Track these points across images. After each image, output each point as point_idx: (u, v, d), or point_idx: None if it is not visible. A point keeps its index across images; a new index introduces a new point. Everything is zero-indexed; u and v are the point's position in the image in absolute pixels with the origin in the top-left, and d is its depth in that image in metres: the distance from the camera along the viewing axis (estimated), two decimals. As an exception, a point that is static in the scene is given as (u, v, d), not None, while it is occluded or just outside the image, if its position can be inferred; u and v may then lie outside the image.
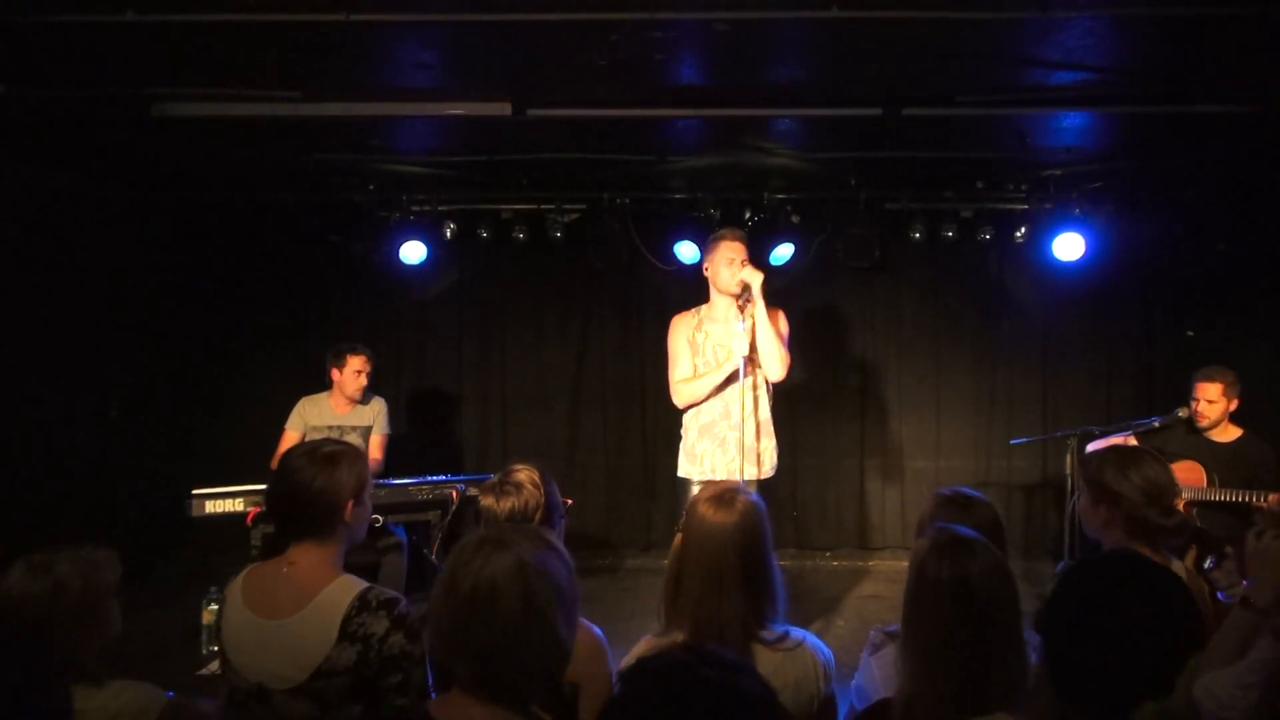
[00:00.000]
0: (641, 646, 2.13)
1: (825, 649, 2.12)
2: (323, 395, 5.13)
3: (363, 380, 5.04)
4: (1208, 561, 3.48)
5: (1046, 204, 5.71)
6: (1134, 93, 3.96)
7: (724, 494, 2.12)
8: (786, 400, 6.75)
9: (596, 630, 2.11)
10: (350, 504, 2.07)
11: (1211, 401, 4.45)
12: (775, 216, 5.94)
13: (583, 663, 2.01)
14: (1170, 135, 4.60)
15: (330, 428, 4.99)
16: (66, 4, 2.92)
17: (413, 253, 6.03)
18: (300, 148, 4.88)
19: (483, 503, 2.19)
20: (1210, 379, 4.47)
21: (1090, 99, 4.04)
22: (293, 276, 6.55)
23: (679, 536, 2.13)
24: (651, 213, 6.05)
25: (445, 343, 6.80)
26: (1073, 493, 2.45)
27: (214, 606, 4.52)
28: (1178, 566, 2.33)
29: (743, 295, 4.03)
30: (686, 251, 6.01)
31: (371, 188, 5.78)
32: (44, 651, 1.87)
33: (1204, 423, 4.47)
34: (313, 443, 2.18)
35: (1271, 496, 4.10)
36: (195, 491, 4.35)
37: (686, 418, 4.30)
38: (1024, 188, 5.77)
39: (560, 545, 1.61)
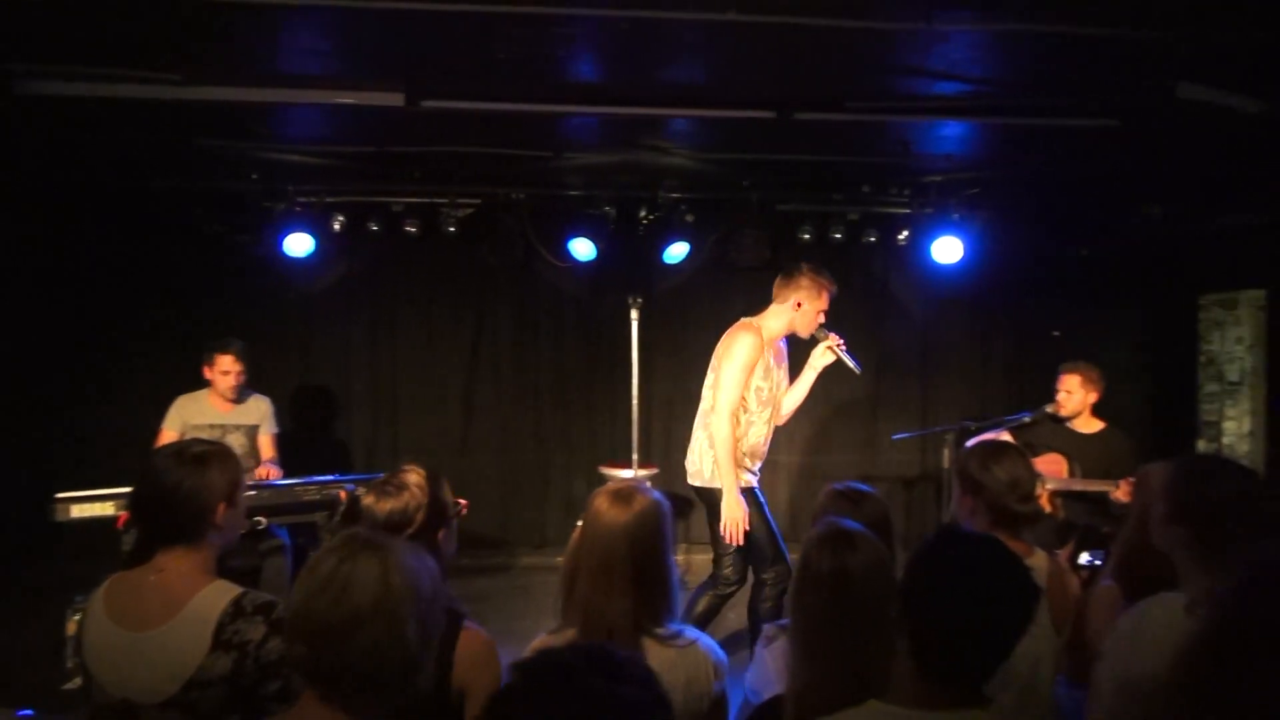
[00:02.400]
0: (536, 644, 2.12)
1: (718, 649, 2.14)
2: (202, 393, 4.91)
3: (232, 379, 4.81)
4: (1084, 556, 3.71)
5: (927, 209, 5.96)
6: (1008, 105, 4.17)
7: (624, 491, 2.12)
8: (680, 399, 6.87)
9: (486, 635, 2.08)
10: (221, 506, 1.98)
11: (1069, 392, 4.74)
12: (670, 216, 6.01)
13: (471, 668, 1.98)
14: (1040, 146, 4.85)
15: (211, 426, 4.77)
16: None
17: (298, 245, 5.83)
18: (181, 133, 4.64)
19: (364, 501, 2.13)
20: (1070, 371, 4.78)
21: (969, 109, 4.24)
22: (171, 267, 6.22)
23: (576, 533, 2.13)
24: (547, 209, 6.02)
25: (333, 338, 6.60)
26: (951, 486, 2.62)
27: (78, 617, 4.26)
28: (1040, 555, 2.48)
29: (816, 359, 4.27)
30: (582, 249, 6.01)
31: (256, 177, 5.55)
32: None
33: (1063, 412, 4.76)
34: (181, 443, 2.08)
35: (1123, 483, 4.39)
36: (60, 495, 4.10)
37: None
38: (906, 192, 6.00)
39: (430, 560, 1.55)
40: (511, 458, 6.74)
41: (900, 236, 6.19)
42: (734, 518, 3.93)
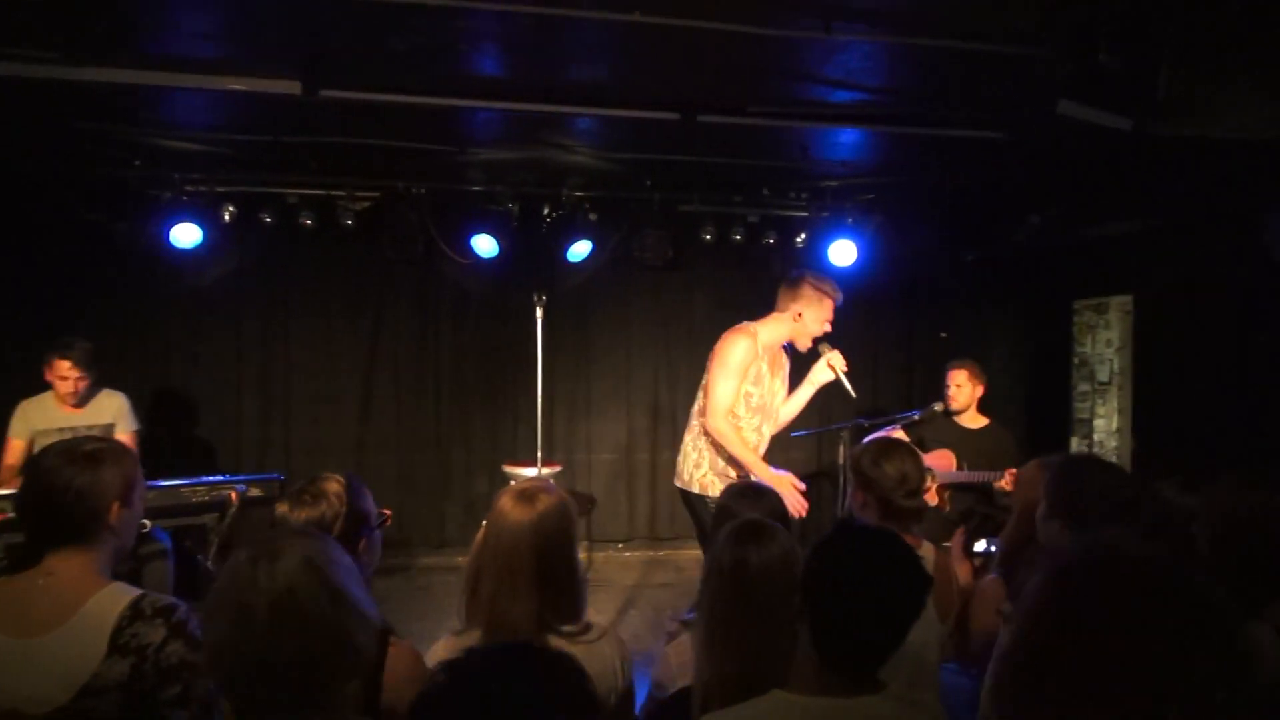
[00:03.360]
0: (440, 646, 2.10)
1: (622, 643, 2.16)
2: (46, 395, 4.61)
3: (70, 386, 4.53)
4: (981, 544, 3.89)
5: (824, 212, 6.13)
6: (901, 114, 4.33)
7: (528, 490, 2.12)
8: (582, 397, 6.88)
9: (414, 649, 2.05)
10: (115, 506, 1.90)
11: (959, 386, 5.01)
12: (573, 214, 6.00)
13: (401, 684, 1.94)
14: (930, 155, 5.05)
15: (61, 430, 4.44)
16: None
17: (185, 235, 5.58)
18: (56, 115, 4.39)
19: (278, 510, 2.06)
20: (958, 367, 5.07)
21: (864, 117, 4.38)
22: (43, 258, 5.83)
23: (481, 532, 2.11)
24: (449, 204, 5.94)
25: (222, 334, 6.35)
26: (845, 481, 2.71)
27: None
28: (927, 547, 2.61)
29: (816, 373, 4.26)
30: (484, 245, 5.95)
31: (139, 163, 5.28)
32: None
33: (954, 405, 5.01)
34: (72, 440, 1.98)
35: (1008, 474, 4.66)
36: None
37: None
38: (804, 196, 6.15)
39: (350, 560, 1.51)
40: (410, 456, 6.62)
41: (798, 239, 6.35)
42: (786, 493, 3.76)
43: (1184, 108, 3.41)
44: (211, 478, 4.31)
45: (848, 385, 4.26)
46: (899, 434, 4.70)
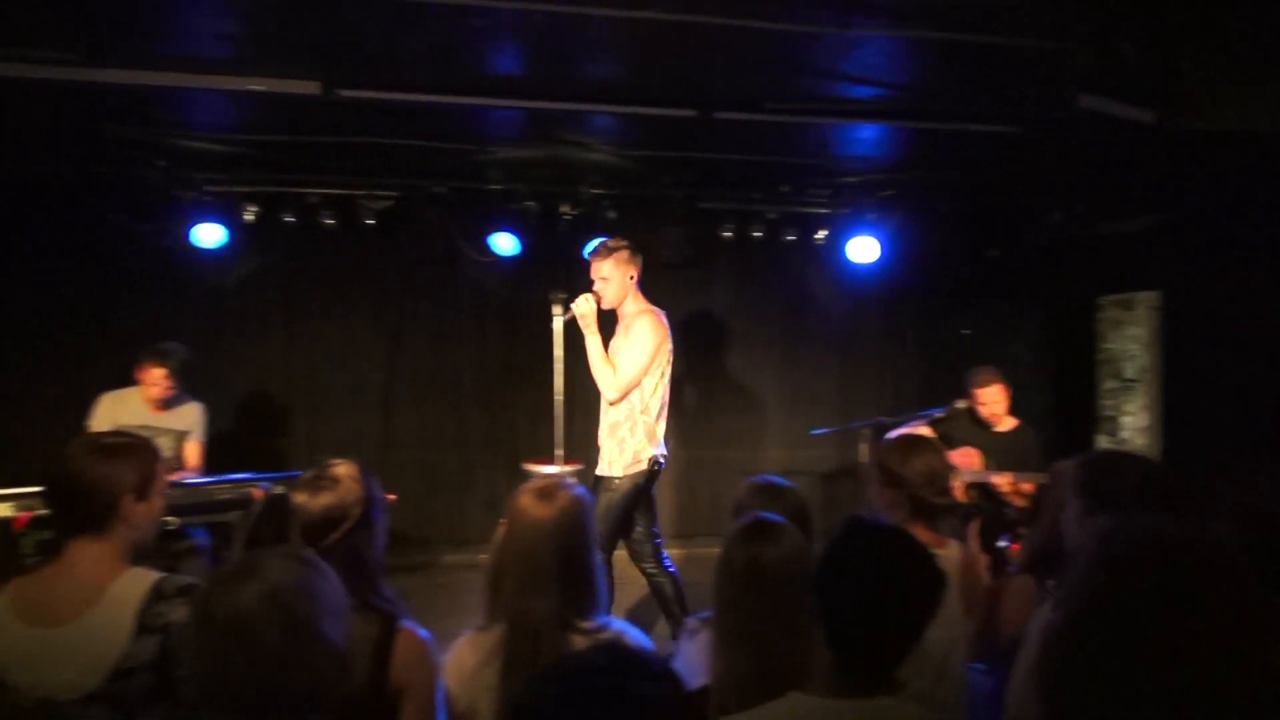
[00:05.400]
0: (463, 642, 2.11)
1: (645, 638, 2.15)
2: (130, 392, 4.71)
3: (159, 392, 4.65)
4: (1001, 540, 3.86)
5: (844, 209, 6.09)
6: (921, 110, 4.29)
7: (546, 487, 2.11)
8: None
9: (424, 633, 2.05)
10: (128, 499, 1.93)
11: (997, 402, 4.92)
12: (592, 211, 6.00)
13: (408, 668, 1.96)
14: (951, 150, 5.01)
15: (143, 427, 4.56)
16: None
17: (208, 235, 5.64)
18: (80, 117, 4.44)
19: (295, 500, 2.08)
20: (988, 382, 4.93)
21: (884, 113, 4.35)
22: (70, 258, 5.90)
23: (500, 529, 2.11)
24: (468, 203, 5.95)
25: (244, 333, 6.39)
26: (868, 479, 2.68)
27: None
28: (953, 546, 2.57)
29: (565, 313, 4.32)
30: (504, 243, 5.96)
31: (163, 164, 5.34)
32: None
33: (997, 421, 4.92)
34: (97, 433, 2.06)
35: (1025, 486, 4.59)
36: (-48, 495, 3.89)
37: None
38: (824, 193, 6.12)
39: (319, 560, 1.56)
40: (432, 455, 6.65)
41: (818, 236, 6.31)
42: None
43: (1207, 99, 3.36)
44: (235, 475, 4.33)
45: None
46: (924, 432, 4.66)
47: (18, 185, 5.56)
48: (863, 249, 6.10)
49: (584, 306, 4.28)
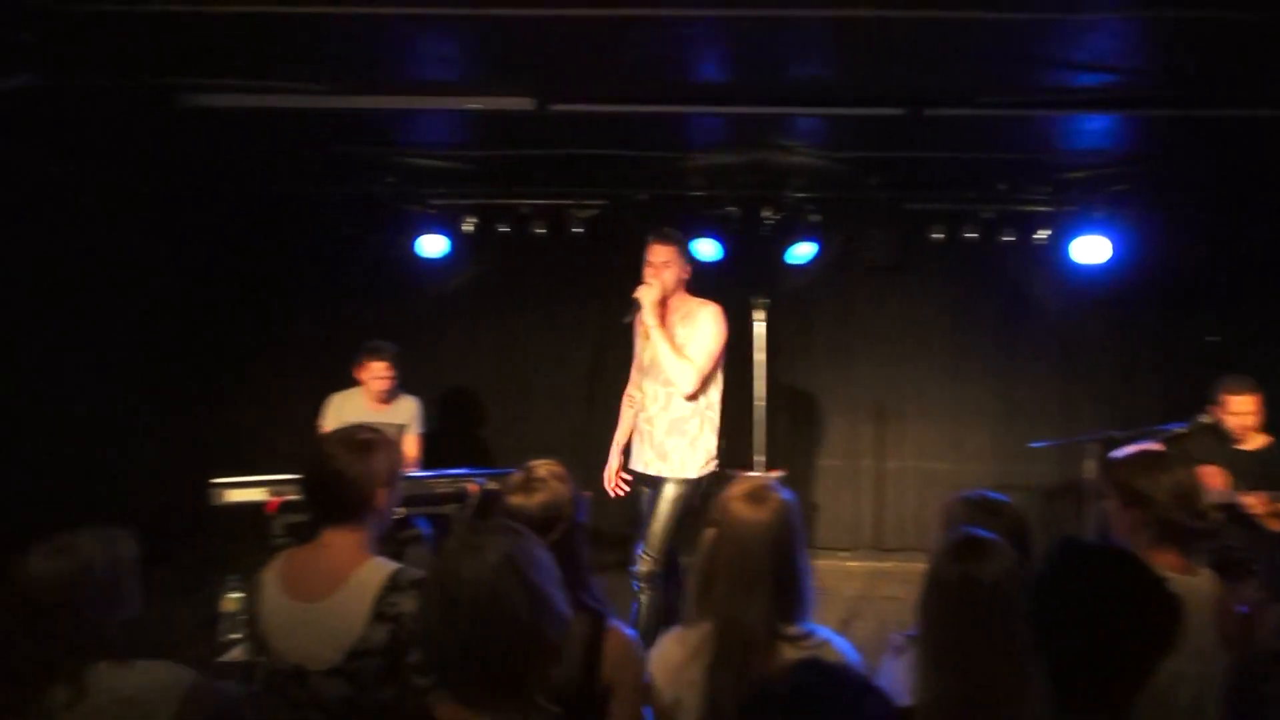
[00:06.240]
0: (669, 638, 2.13)
1: (851, 649, 2.09)
2: (355, 391, 5.13)
3: (383, 384, 5.03)
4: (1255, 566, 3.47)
5: (1069, 206, 5.68)
6: (1160, 95, 3.92)
7: (756, 491, 2.10)
8: (802, 402, 6.78)
9: (631, 633, 2.10)
10: (382, 491, 2.10)
11: (1250, 411, 4.43)
12: (795, 215, 5.92)
13: (617, 666, 2.01)
14: (1195, 139, 4.55)
15: (366, 423, 4.98)
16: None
17: (431, 246, 6.05)
18: (322, 140, 4.89)
19: (511, 501, 2.17)
20: (1244, 390, 4.44)
21: (1116, 101, 4.01)
22: (312, 268, 6.58)
23: (711, 532, 2.11)
24: (671, 210, 6.03)
25: (462, 337, 6.82)
26: (1102, 497, 2.45)
27: (234, 594, 4.54)
28: (1204, 574, 2.31)
29: (633, 308, 4.13)
30: (706, 249, 6.00)
31: (391, 180, 5.79)
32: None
33: (1243, 436, 4.44)
34: (348, 428, 2.21)
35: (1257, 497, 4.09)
36: (215, 480, 4.36)
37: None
38: (1047, 190, 5.73)
39: (547, 555, 1.58)
40: (635, 457, 6.79)
41: (1039, 236, 5.92)
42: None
43: None
44: (453, 470, 4.61)
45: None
46: (1159, 449, 4.26)
47: (265, 203, 6.22)
48: (1090, 249, 5.65)
49: (651, 294, 4.09)
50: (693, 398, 4.14)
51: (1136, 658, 1.45)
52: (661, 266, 4.17)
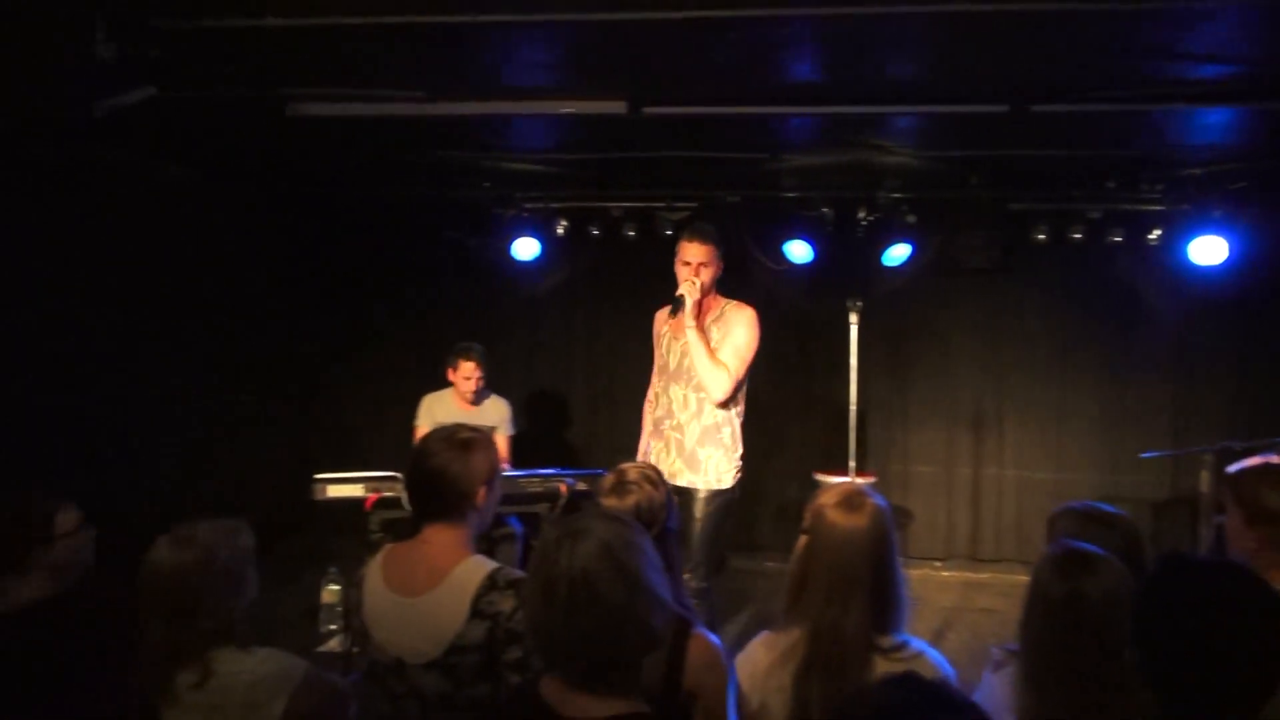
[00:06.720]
0: (758, 643, 2.12)
1: (945, 662, 2.03)
2: (447, 392, 5.25)
3: (473, 384, 5.13)
4: None
5: (1184, 205, 5.41)
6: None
7: (851, 497, 2.06)
8: (897, 405, 6.64)
9: (715, 639, 2.09)
10: (482, 489, 2.14)
11: None
12: (890, 216, 5.80)
13: (700, 672, 2.00)
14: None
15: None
16: (211, 8, 3.08)
17: (525, 249, 6.15)
18: (422, 146, 5.03)
19: (605, 504, 2.19)
20: None
21: (1237, 94, 3.80)
22: (412, 271, 6.77)
23: (804, 539, 2.09)
24: (763, 211, 5.99)
25: (555, 339, 6.92)
26: (1219, 511, 2.30)
27: (334, 586, 4.70)
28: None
29: (678, 306, 3.95)
30: (798, 251, 5.93)
31: (488, 185, 5.91)
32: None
33: None
34: (449, 428, 2.24)
35: None
36: (318, 476, 4.51)
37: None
38: (1159, 188, 5.47)
39: (652, 548, 1.59)
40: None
41: (1151, 236, 5.66)
42: None
43: None
44: (545, 470, 4.67)
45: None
46: (1277, 461, 4.02)
47: (368, 208, 6.43)
48: (1207, 250, 5.37)
49: (695, 293, 3.92)
50: (723, 405, 3.97)
51: (1254, 681, 1.37)
52: (699, 266, 4.00)
